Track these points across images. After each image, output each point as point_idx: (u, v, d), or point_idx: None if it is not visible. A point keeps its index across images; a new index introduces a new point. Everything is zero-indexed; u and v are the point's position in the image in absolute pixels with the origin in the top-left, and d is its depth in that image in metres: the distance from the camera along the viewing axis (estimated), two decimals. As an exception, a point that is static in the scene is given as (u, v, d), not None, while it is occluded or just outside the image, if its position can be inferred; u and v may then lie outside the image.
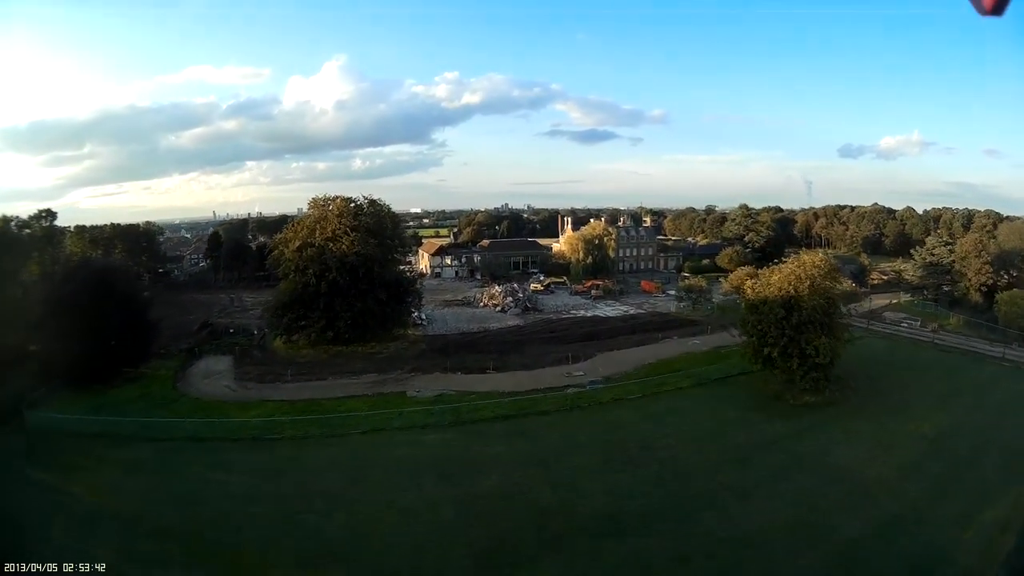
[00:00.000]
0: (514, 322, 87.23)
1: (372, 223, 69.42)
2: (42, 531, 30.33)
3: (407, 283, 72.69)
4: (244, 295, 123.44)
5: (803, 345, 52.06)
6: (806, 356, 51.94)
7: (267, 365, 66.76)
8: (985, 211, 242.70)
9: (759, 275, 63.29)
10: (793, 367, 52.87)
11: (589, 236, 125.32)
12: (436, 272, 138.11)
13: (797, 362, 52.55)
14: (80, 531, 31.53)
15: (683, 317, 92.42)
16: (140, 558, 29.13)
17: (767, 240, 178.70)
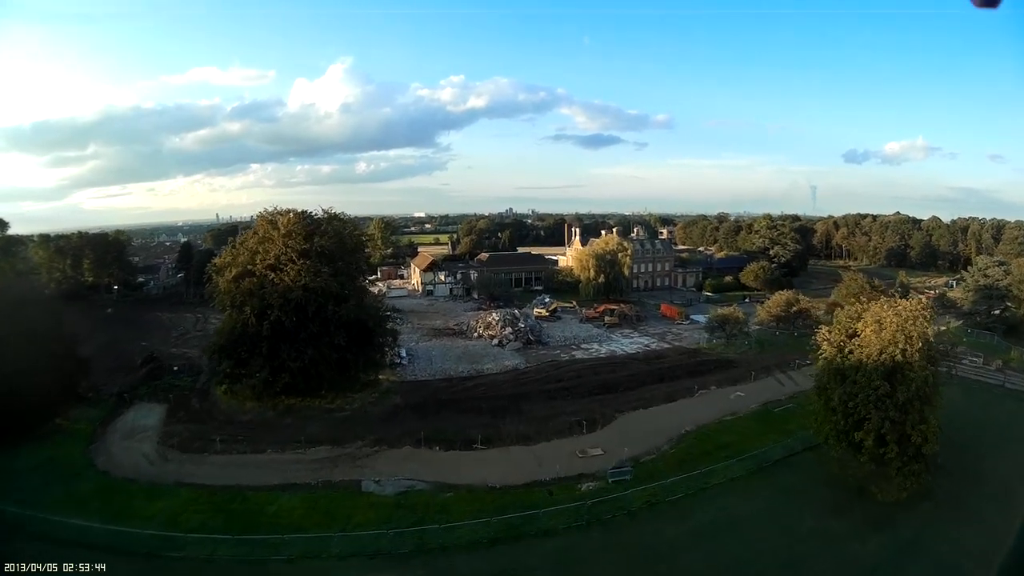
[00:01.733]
0: (513, 361, 71.83)
1: (329, 245, 53.99)
2: None
3: (377, 321, 57.01)
4: (213, 315, 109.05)
5: (908, 429, 37.95)
6: (908, 441, 37.95)
7: (200, 422, 54.15)
8: (1015, 222, 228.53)
9: (836, 318, 48.22)
10: (891, 455, 38.26)
11: (601, 252, 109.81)
12: (428, 290, 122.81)
13: (896, 450, 38.07)
14: None
15: (716, 355, 77.20)
16: None
17: (794, 254, 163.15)
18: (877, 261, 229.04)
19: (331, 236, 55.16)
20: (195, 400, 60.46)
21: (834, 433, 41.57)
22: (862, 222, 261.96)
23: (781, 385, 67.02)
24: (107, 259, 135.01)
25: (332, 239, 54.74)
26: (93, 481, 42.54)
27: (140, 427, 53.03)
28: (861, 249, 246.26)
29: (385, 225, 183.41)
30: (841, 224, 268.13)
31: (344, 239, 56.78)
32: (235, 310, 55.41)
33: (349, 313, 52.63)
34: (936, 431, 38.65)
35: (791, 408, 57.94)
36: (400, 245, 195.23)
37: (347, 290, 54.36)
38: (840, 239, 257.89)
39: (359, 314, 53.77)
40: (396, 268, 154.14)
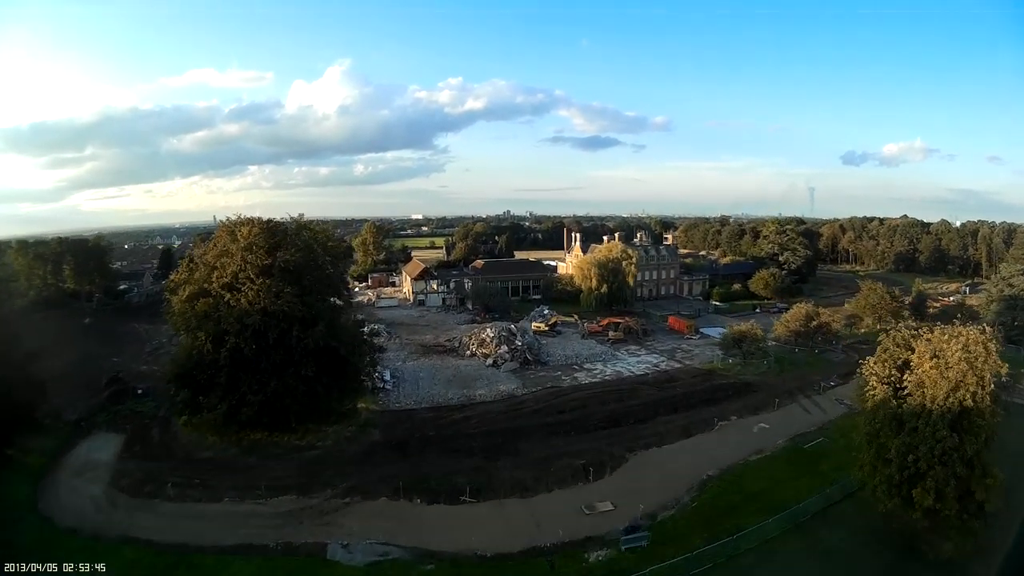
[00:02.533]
0: (509, 385, 64.73)
1: (297, 260, 46.72)
2: None
3: (353, 347, 49.69)
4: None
5: (972, 485, 32.19)
6: (970, 497, 32.27)
7: (157, 459, 48.56)
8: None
9: (881, 345, 41.45)
10: (950, 513, 32.19)
11: (604, 260, 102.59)
12: (419, 299, 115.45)
13: (956, 507, 32.10)
14: None
15: (733, 376, 70.29)
16: None
17: (804, 260, 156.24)
18: (885, 266, 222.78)
19: (300, 249, 47.85)
20: (155, 431, 54.36)
21: (885, 486, 34.96)
22: (869, 226, 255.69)
23: (807, 413, 60.59)
24: (88, 266, 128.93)
25: (300, 253, 47.45)
26: (33, 529, 37.84)
27: (93, 463, 47.41)
28: (868, 254, 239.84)
29: (377, 229, 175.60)
30: (847, 228, 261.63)
31: (315, 252, 49.51)
32: (190, 334, 48.39)
33: (317, 339, 45.40)
34: (1001, 486, 32.83)
35: (823, 443, 51.99)
36: (393, 250, 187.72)
37: (318, 311, 47.07)
38: (847, 243, 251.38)
39: (330, 340, 46.47)
40: (388, 275, 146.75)
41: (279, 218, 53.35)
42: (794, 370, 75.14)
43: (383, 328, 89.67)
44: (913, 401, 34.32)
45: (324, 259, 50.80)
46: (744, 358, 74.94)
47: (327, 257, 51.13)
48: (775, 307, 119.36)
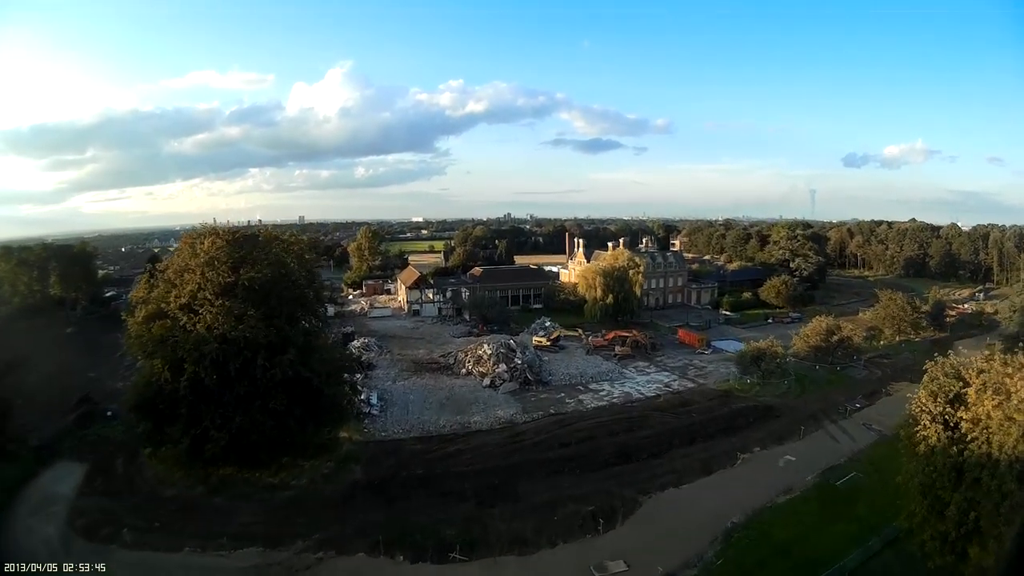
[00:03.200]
0: (508, 410, 59.02)
1: (264, 278, 41.00)
2: None
3: (329, 376, 43.75)
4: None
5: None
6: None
7: (118, 495, 43.63)
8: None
9: (928, 373, 35.93)
10: None
11: (609, 269, 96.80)
12: (414, 309, 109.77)
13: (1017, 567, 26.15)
14: None
15: (752, 398, 64.84)
16: None
17: (816, 267, 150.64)
18: (895, 271, 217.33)
19: (269, 264, 42.13)
20: (120, 460, 49.03)
21: (938, 542, 29.41)
22: (877, 229, 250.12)
23: (835, 442, 55.23)
24: (71, 272, 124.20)
25: (269, 268, 41.72)
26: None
27: (52, 497, 43.01)
28: (877, 258, 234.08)
29: (373, 234, 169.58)
30: (855, 232, 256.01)
31: (288, 267, 43.79)
32: (147, 361, 42.91)
33: (286, 369, 39.72)
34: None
35: (855, 479, 46.61)
36: (389, 255, 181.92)
37: (288, 336, 41.35)
38: (855, 247, 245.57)
39: (302, 369, 40.77)
40: (383, 282, 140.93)
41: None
42: (816, 390, 69.84)
43: (374, 342, 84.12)
44: (976, 448, 28.72)
45: (300, 274, 45.05)
46: (763, 377, 69.39)
47: (303, 272, 45.35)
48: (788, 317, 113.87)
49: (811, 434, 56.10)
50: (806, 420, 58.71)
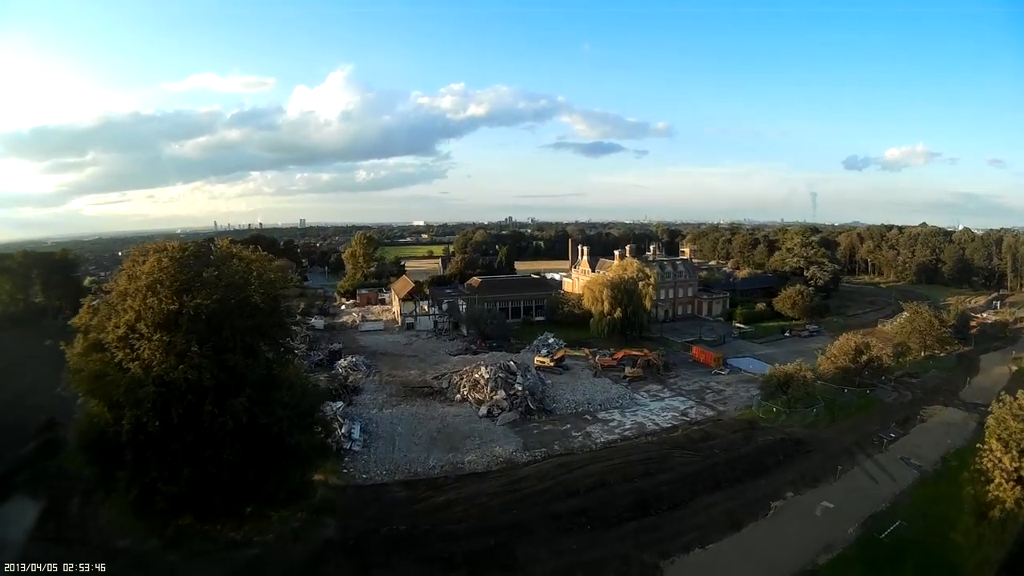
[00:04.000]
0: (507, 446, 52.09)
1: (215, 306, 34.12)
2: None
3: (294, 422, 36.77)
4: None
5: None
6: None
7: (69, 544, 38.78)
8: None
9: (993, 416, 30.23)
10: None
11: (617, 281, 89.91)
12: (408, 322, 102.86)
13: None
14: None
15: (778, 428, 58.34)
16: None
17: (831, 275, 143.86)
18: (906, 277, 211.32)
19: (222, 288, 35.27)
20: (76, 501, 42.97)
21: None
22: (887, 234, 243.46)
23: (874, 482, 49.04)
24: (52, 280, 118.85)
25: (221, 292, 34.86)
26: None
27: None
28: (888, 264, 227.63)
29: (368, 240, 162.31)
30: (866, 237, 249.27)
31: (247, 291, 36.93)
32: (86, 398, 36.33)
33: (239, 415, 32.92)
34: None
35: (901, 530, 40.94)
36: (385, 262, 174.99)
37: (244, 373, 34.50)
38: (865, 253, 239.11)
39: (260, 415, 33.98)
40: (378, 291, 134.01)
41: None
42: (846, 417, 63.61)
43: (362, 361, 77.32)
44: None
45: (261, 298, 38.18)
46: (789, 404, 62.69)
47: (266, 295, 38.45)
48: (805, 330, 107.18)
49: (847, 473, 50.21)
50: (840, 455, 53.04)
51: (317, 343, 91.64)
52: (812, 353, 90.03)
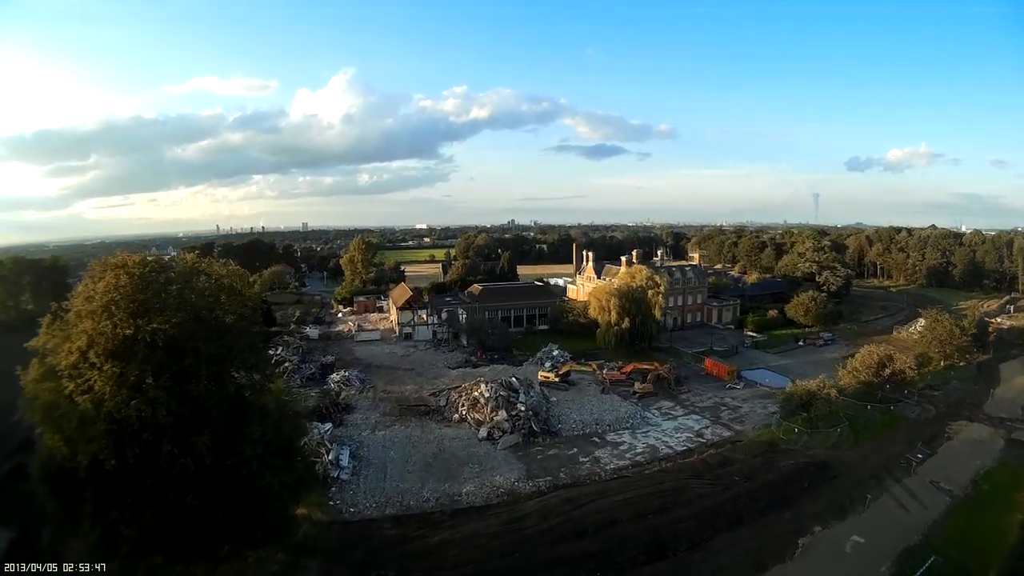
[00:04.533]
0: (508, 474, 47.91)
1: (174, 331, 30.04)
2: None
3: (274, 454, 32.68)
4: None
5: None
6: None
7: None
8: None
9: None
10: None
11: (625, 289, 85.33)
12: (406, 332, 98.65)
13: None
14: None
15: (800, 449, 54.29)
16: None
17: (844, 280, 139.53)
18: (917, 280, 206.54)
19: (185, 309, 31.20)
20: (48, 530, 39.32)
21: None
22: (896, 237, 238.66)
23: (904, 510, 45.47)
24: (43, 286, 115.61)
25: (184, 314, 30.79)
26: None
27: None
28: (898, 267, 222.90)
29: (367, 245, 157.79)
30: (874, 239, 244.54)
31: (215, 311, 32.84)
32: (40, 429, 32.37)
33: (203, 456, 28.86)
34: None
35: (937, 566, 37.70)
36: (384, 267, 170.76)
37: (210, 406, 30.41)
38: (874, 256, 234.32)
39: (228, 455, 29.90)
40: (376, 299, 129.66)
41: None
42: (870, 436, 59.74)
43: (355, 375, 73.20)
44: None
45: (238, 318, 34.10)
46: (810, 423, 58.44)
47: (237, 315, 34.33)
48: (820, 338, 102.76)
49: (876, 499, 46.71)
50: (867, 480, 49.46)
51: (311, 354, 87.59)
52: (829, 364, 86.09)
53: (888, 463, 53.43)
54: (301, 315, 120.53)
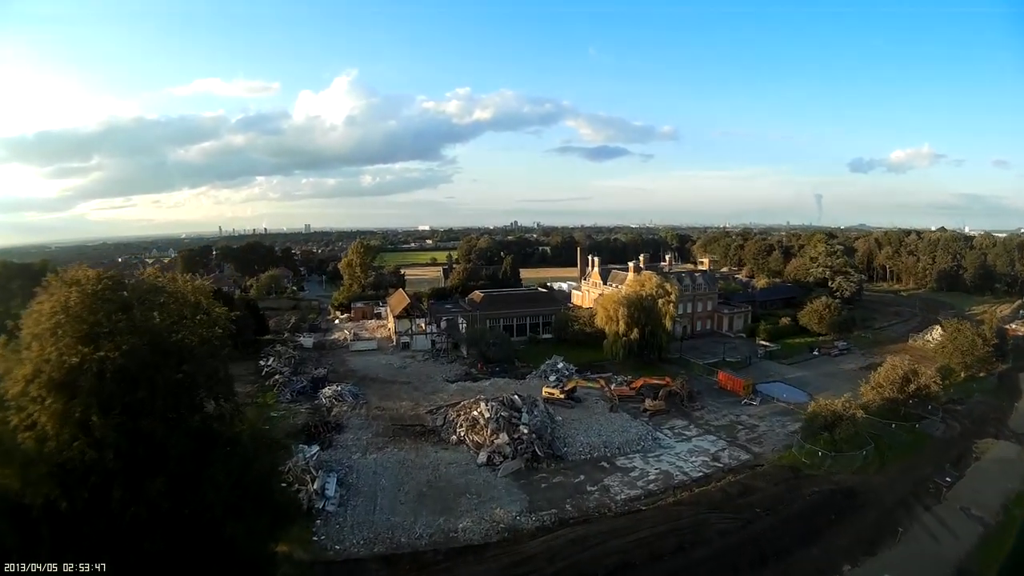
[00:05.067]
0: (510, 507, 43.75)
1: (125, 360, 26.14)
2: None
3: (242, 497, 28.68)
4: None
5: None
6: None
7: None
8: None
9: None
10: None
11: (634, 298, 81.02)
12: (404, 342, 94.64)
13: None
14: None
15: (824, 475, 50.33)
16: None
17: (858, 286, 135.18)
18: (927, 284, 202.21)
19: (142, 332, 27.31)
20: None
21: None
22: (906, 239, 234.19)
23: (936, 542, 42.08)
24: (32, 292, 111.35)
25: (136, 338, 26.91)
26: None
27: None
28: (908, 271, 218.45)
29: (365, 249, 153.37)
30: (883, 242, 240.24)
31: (175, 333, 28.92)
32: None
33: (159, 501, 24.96)
34: None
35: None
36: (384, 272, 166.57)
37: (167, 444, 26.51)
38: (884, 259, 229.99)
39: (187, 499, 25.97)
40: (374, 305, 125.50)
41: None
42: (896, 458, 55.90)
43: (348, 389, 69.24)
44: None
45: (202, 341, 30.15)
46: (835, 446, 54.30)
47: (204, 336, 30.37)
48: (835, 348, 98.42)
49: (908, 531, 42.91)
50: (896, 509, 45.84)
51: (304, 365, 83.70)
52: (846, 376, 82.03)
53: (916, 488, 49.76)
54: (296, 322, 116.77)
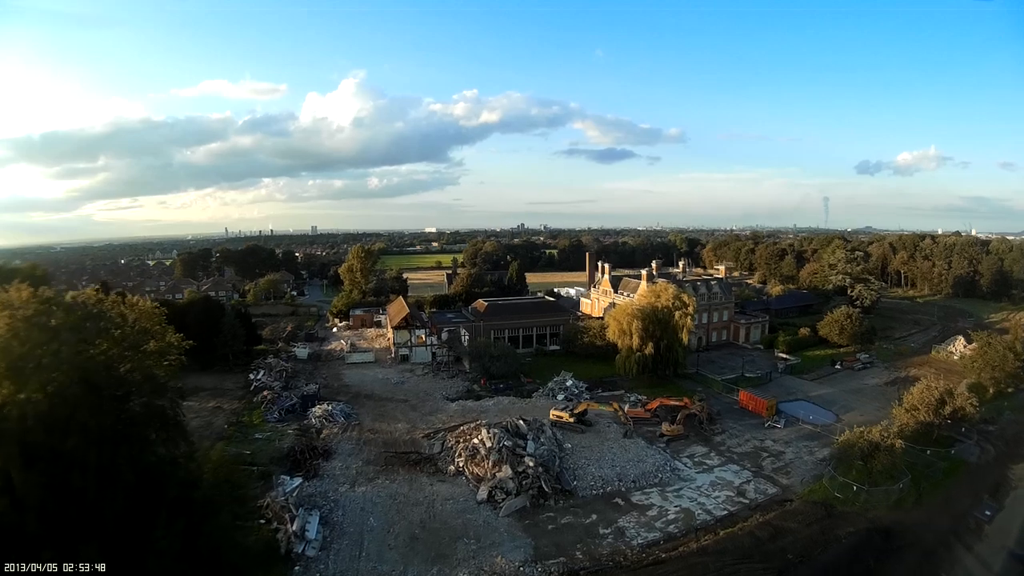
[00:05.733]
0: (512, 555, 38.76)
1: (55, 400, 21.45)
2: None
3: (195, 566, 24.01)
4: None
5: None
6: None
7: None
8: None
9: None
10: None
11: (649, 310, 75.62)
12: (402, 354, 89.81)
13: None
14: None
15: (860, 514, 45.42)
16: None
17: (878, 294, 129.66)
18: (943, 290, 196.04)
19: (75, 367, 22.67)
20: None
21: None
22: (921, 244, 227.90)
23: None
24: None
25: (71, 375, 22.29)
26: None
27: None
28: (923, 276, 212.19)
29: (366, 254, 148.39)
30: (898, 247, 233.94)
31: (114, 367, 24.27)
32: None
33: (91, 569, 20.36)
34: None
35: None
36: (386, 276, 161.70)
37: (102, 504, 21.88)
38: (899, 264, 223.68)
39: (127, 570, 21.35)
40: (374, 312, 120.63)
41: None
42: (932, 489, 50.83)
43: (340, 409, 64.52)
44: None
45: (145, 373, 25.48)
46: (870, 477, 49.13)
47: (150, 368, 25.73)
48: (858, 361, 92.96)
49: None
50: (937, 551, 41.27)
51: (296, 379, 78.94)
52: (872, 392, 76.93)
53: (955, 523, 44.92)
54: (293, 330, 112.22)
